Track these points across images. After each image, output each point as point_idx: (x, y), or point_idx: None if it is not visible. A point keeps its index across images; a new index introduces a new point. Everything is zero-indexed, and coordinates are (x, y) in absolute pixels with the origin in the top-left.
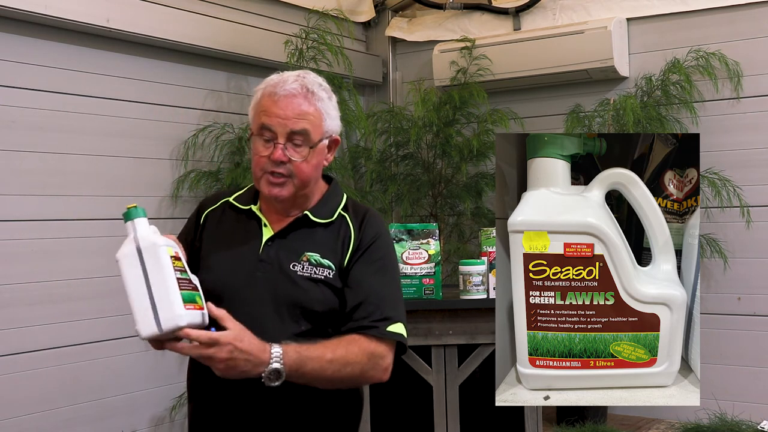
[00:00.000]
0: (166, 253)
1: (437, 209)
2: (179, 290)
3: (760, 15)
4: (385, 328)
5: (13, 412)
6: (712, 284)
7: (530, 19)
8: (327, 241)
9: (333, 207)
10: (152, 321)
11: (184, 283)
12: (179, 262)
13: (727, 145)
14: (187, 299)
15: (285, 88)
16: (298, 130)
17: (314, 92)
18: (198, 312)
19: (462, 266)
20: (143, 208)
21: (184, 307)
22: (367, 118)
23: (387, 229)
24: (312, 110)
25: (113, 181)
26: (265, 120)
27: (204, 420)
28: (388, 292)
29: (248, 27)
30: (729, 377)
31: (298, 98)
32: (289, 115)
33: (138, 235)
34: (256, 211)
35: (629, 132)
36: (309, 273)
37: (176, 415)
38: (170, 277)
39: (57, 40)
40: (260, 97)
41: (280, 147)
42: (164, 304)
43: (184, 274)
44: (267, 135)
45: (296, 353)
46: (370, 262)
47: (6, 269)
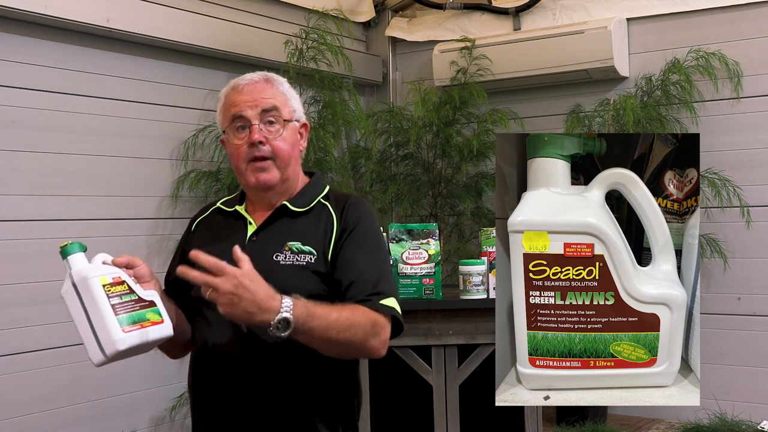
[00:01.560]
0: (98, 284)
1: (437, 209)
2: (115, 316)
3: (760, 15)
4: (378, 302)
5: (13, 412)
6: (712, 284)
7: (530, 19)
8: (307, 228)
9: (312, 196)
10: (97, 349)
11: (126, 306)
12: (119, 286)
13: (727, 145)
14: (127, 322)
15: (245, 78)
16: (268, 107)
17: (274, 79)
18: (150, 329)
19: (462, 266)
20: (80, 243)
21: (123, 330)
22: (367, 118)
23: (371, 212)
24: (275, 92)
25: (113, 181)
26: (234, 110)
27: (205, 415)
28: (379, 270)
29: (248, 27)
30: (729, 377)
31: (259, 83)
32: (256, 97)
33: (72, 271)
34: (242, 211)
35: (629, 132)
36: (291, 261)
37: (176, 415)
38: (104, 306)
39: (57, 40)
40: (224, 97)
41: (256, 128)
42: (103, 332)
43: (127, 296)
44: (240, 123)
45: (304, 307)
46: (357, 243)
47: (6, 269)
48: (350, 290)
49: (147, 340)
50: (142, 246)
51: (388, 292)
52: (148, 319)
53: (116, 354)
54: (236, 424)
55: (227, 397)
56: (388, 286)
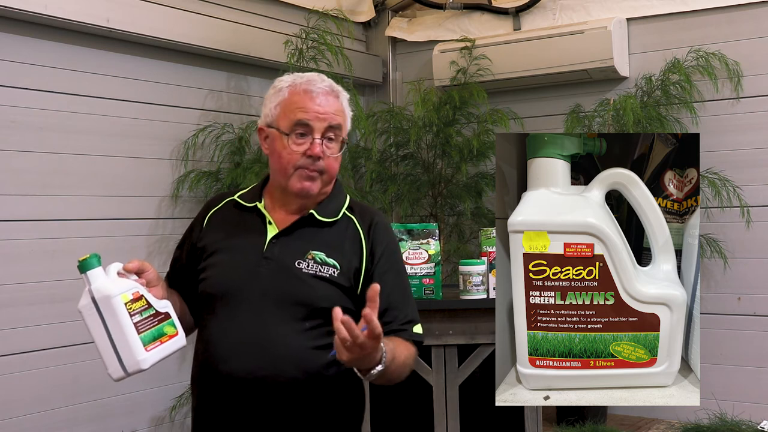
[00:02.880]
0: (121, 303)
1: (437, 209)
2: (138, 335)
3: (760, 15)
4: (411, 331)
5: (13, 412)
6: (712, 284)
7: (530, 19)
8: (332, 241)
9: (337, 206)
10: (118, 365)
11: (146, 322)
12: (139, 302)
13: (727, 145)
14: (149, 340)
15: (318, 86)
16: (334, 125)
17: (340, 91)
18: (168, 343)
19: (462, 266)
20: (96, 255)
21: (146, 349)
22: (367, 118)
23: (392, 230)
24: (342, 108)
25: (113, 181)
26: (303, 116)
27: (208, 417)
28: (407, 294)
29: (248, 27)
30: (729, 377)
31: (331, 96)
32: (328, 110)
33: (92, 287)
34: (261, 208)
35: (629, 132)
36: (314, 271)
37: (176, 415)
38: (127, 326)
39: (57, 40)
40: (290, 94)
41: (318, 142)
42: (125, 351)
43: (147, 312)
44: (302, 130)
45: (390, 352)
46: (387, 268)
47: (6, 269)
48: (386, 316)
49: (166, 354)
50: (142, 246)
51: (417, 318)
52: (166, 333)
53: (138, 371)
54: (239, 425)
55: (232, 399)
56: (415, 311)
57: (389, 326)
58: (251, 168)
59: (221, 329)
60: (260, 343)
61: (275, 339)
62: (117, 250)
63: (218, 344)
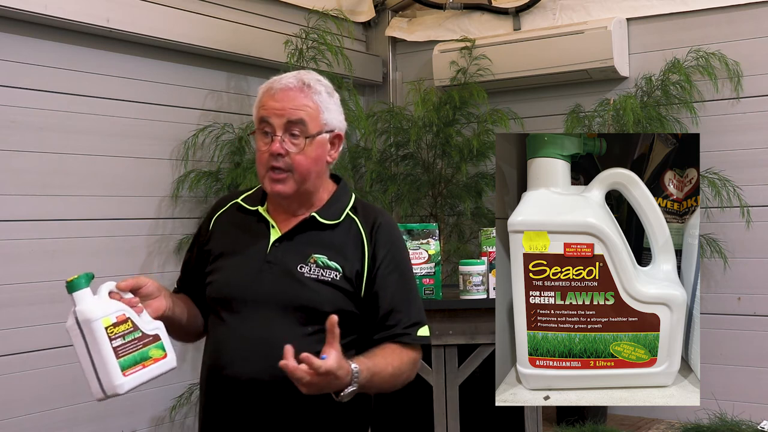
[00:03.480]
0: (101, 327)
1: (437, 209)
2: (117, 359)
3: (760, 15)
4: (416, 334)
5: (13, 412)
6: (712, 284)
7: (530, 19)
8: (334, 244)
9: (340, 208)
10: (98, 387)
11: (129, 346)
12: (122, 325)
13: (727, 145)
14: (129, 364)
15: (281, 82)
16: (294, 119)
17: (311, 86)
18: (152, 366)
19: (462, 266)
20: (87, 275)
21: (124, 374)
22: (367, 118)
23: (398, 230)
24: (308, 102)
25: (113, 181)
26: (263, 113)
27: (215, 419)
28: (412, 296)
29: (248, 27)
30: (729, 377)
31: (293, 91)
32: (285, 106)
33: (77, 309)
34: (263, 212)
35: (629, 132)
36: (316, 274)
37: (176, 415)
38: (106, 350)
39: (57, 40)
40: (260, 94)
41: (278, 139)
42: (104, 374)
43: (131, 335)
44: (265, 128)
45: (367, 371)
46: (391, 270)
47: (6, 269)
48: (389, 319)
49: (148, 378)
50: (142, 246)
51: (423, 320)
52: (150, 357)
53: (115, 395)
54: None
55: (237, 402)
56: (421, 313)
57: (391, 330)
58: (251, 168)
59: (226, 333)
60: (263, 348)
61: (277, 343)
62: (117, 250)
63: (223, 348)
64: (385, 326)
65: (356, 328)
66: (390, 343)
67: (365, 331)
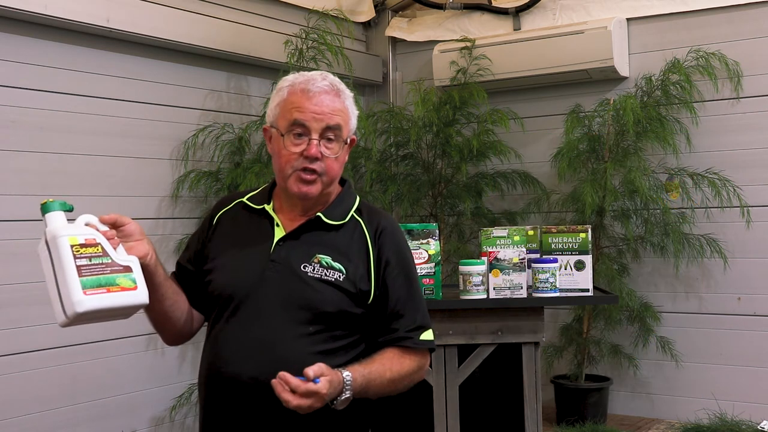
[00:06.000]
0: (66, 243)
1: (437, 209)
2: (79, 277)
3: (760, 15)
4: (419, 338)
5: (13, 412)
6: (712, 284)
7: (530, 19)
8: (339, 245)
9: (346, 209)
10: (61, 310)
11: (94, 268)
12: (91, 248)
13: (727, 145)
14: (91, 284)
15: (317, 85)
16: (333, 125)
17: (342, 90)
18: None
19: (462, 266)
20: (64, 202)
21: (84, 292)
22: (367, 118)
23: (402, 233)
24: (342, 107)
25: (113, 181)
26: (299, 116)
27: (214, 418)
28: (416, 299)
29: (248, 27)
30: (729, 377)
31: (330, 95)
32: (324, 110)
33: (47, 229)
34: (269, 210)
35: (629, 130)
36: (319, 274)
37: (176, 415)
38: (68, 266)
39: (57, 40)
40: (288, 94)
41: (315, 143)
42: (65, 292)
43: (98, 259)
44: (299, 131)
45: (362, 377)
46: (396, 274)
47: (6, 269)
48: (393, 322)
49: (112, 304)
50: None
51: (427, 324)
52: (117, 284)
53: (76, 316)
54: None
55: (237, 401)
56: (425, 316)
57: (395, 334)
58: (251, 168)
59: (227, 331)
60: (263, 347)
61: (278, 342)
62: None
63: (223, 346)
64: (388, 329)
65: (358, 329)
66: (391, 348)
67: (370, 333)
